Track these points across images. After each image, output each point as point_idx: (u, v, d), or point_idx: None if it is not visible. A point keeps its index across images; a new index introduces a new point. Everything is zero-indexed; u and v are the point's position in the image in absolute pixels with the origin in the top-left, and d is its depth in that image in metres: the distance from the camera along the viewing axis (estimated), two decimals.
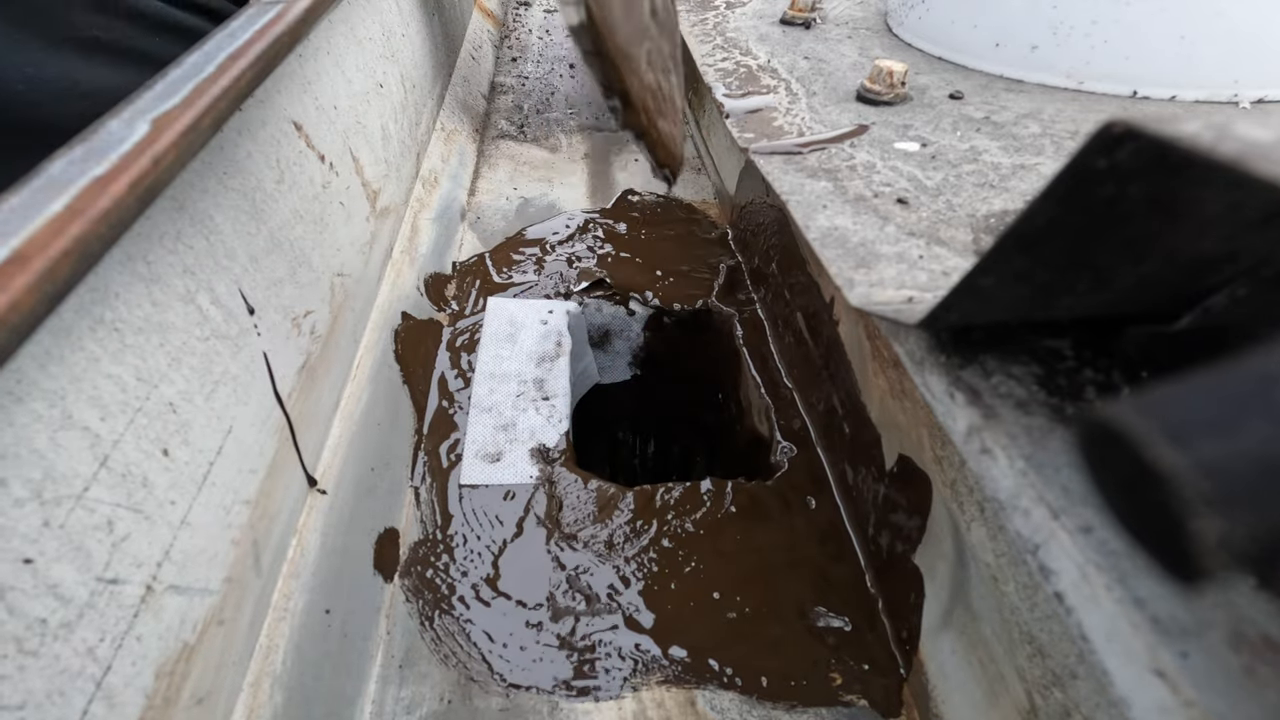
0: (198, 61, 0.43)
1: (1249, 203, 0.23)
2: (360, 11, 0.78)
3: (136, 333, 0.35)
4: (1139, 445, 0.14)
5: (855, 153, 0.67)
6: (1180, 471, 0.13)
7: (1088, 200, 0.26)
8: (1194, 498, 0.13)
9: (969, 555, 0.42)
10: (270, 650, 0.44)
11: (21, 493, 0.27)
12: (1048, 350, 0.40)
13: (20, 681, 0.26)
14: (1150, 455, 0.14)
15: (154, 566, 0.34)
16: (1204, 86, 0.74)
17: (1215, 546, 0.13)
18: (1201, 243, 0.27)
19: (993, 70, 0.84)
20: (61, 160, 0.33)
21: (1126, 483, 0.15)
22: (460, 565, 0.56)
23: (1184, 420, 0.14)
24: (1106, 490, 0.15)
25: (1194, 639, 0.27)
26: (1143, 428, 0.14)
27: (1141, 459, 0.14)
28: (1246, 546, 0.13)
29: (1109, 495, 0.15)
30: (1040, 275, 0.32)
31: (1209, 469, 0.13)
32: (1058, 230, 0.28)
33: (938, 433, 0.42)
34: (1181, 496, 0.13)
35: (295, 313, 0.52)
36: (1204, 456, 0.14)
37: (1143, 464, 0.14)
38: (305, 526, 0.51)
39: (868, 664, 0.51)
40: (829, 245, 0.53)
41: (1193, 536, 0.13)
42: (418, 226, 0.86)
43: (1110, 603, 0.29)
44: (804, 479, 0.64)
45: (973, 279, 0.33)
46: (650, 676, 0.50)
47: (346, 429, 0.59)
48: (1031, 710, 0.37)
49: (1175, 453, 0.14)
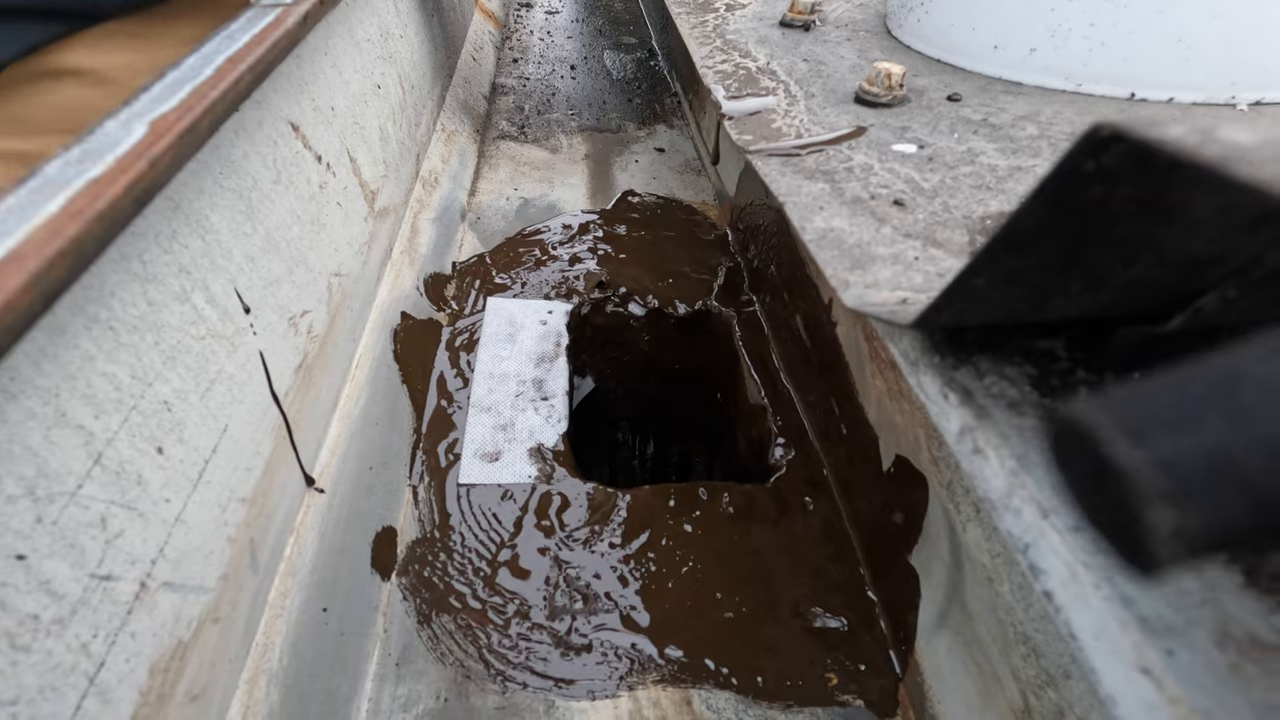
0: (195, 64, 0.44)
1: (1235, 206, 0.23)
2: (358, 14, 0.78)
3: (131, 331, 0.35)
4: (1100, 442, 0.14)
5: (853, 154, 0.67)
6: (1138, 467, 0.14)
7: (1077, 202, 0.26)
8: (1150, 492, 0.14)
9: (964, 556, 0.42)
10: (267, 648, 0.44)
11: (14, 489, 0.28)
12: (1041, 351, 0.40)
13: (13, 677, 0.26)
14: (1110, 451, 0.14)
15: (148, 564, 0.34)
16: (1201, 89, 0.74)
17: (1169, 538, 0.14)
18: (1191, 245, 0.27)
19: (991, 72, 0.84)
20: (58, 161, 0.33)
21: (1089, 477, 0.15)
22: (458, 564, 0.56)
23: (1144, 418, 0.14)
24: (1072, 484, 0.16)
25: (1180, 637, 0.27)
26: (1105, 425, 0.14)
27: (1101, 454, 0.14)
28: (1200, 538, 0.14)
29: (1074, 489, 0.16)
30: (1032, 276, 0.32)
31: (1165, 464, 0.14)
32: (1048, 232, 0.28)
33: (933, 433, 0.42)
34: (1138, 491, 0.14)
35: (292, 312, 0.52)
36: (1161, 453, 0.14)
37: (1103, 459, 0.14)
38: (303, 525, 0.51)
39: (864, 664, 0.51)
40: (825, 246, 0.53)
41: (1148, 529, 0.14)
42: (418, 227, 0.86)
43: (1098, 601, 0.29)
44: (801, 480, 0.64)
45: (964, 280, 0.33)
46: (646, 676, 0.50)
47: (345, 428, 0.59)
48: (1026, 710, 0.37)
49: (1134, 449, 0.14)
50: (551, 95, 1.39)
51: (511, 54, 1.59)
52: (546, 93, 1.40)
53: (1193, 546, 0.14)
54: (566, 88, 1.43)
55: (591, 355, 0.89)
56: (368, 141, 0.74)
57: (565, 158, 1.17)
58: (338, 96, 0.68)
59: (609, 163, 1.15)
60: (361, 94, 0.74)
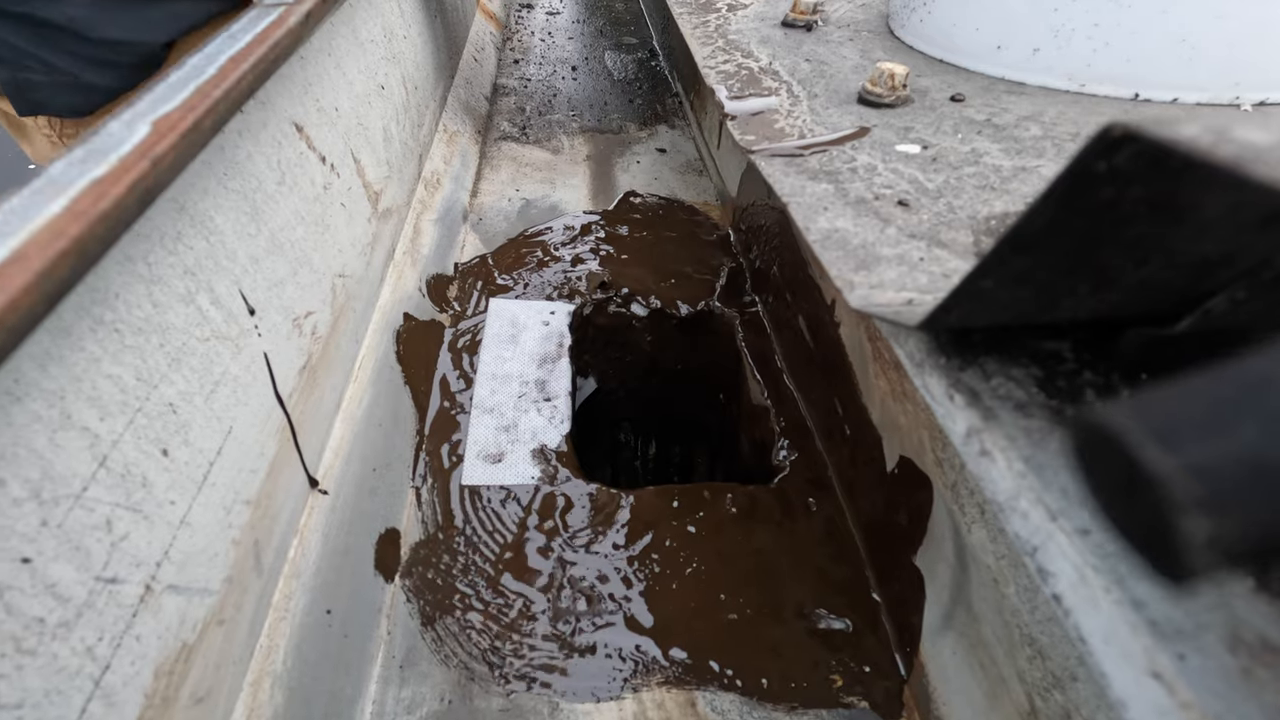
0: (199, 64, 0.43)
1: (1247, 205, 0.23)
2: (362, 14, 0.78)
3: (136, 333, 0.35)
4: (1130, 447, 0.14)
5: (856, 155, 0.67)
6: (1170, 473, 0.14)
7: (1087, 203, 0.26)
8: (1183, 499, 0.13)
9: (970, 557, 0.42)
10: (271, 650, 0.44)
11: (20, 492, 0.27)
12: (1048, 352, 0.40)
13: (18, 680, 0.26)
14: (1141, 457, 0.14)
15: (153, 566, 0.34)
16: (1205, 89, 0.74)
17: (1204, 546, 0.13)
18: (1201, 245, 0.27)
19: (994, 73, 0.84)
20: (62, 162, 0.33)
21: (1118, 484, 0.15)
22: (461, 566, 0.56)
23: (1175, 423, 0.14)
24: (1099, 491, 0.15)
25: (1191, 641, 0.27)
26: (1135, 430, 0.14)
27: (1133, 461, 0.14)
28: (1235, 546, 0.13)
29: (1101, 496, 0.15)
30: (1040, 277, 0.32)
31: (1198, 471, 0.13)
32: (1058, 232, 0.28)
33: (938, 435, 0.42)
34: (1171, 498, 0.13)
35: (296, 313, 0.52)
36: (1194, 458, 0.14)
37: (1134, 466, 0.14)
38: (306, 527, 0.51)
39: (869, 666, 0.51)
40: (830, 247, 0.53)
41: (1182, 537, 0.13)
42: (420, 228, 0.86)
43: (1108, 605, 0.29)
44: (805, 481, 0.64)
45: (972, 281, 0.33)
46: (651, 677, 0.50)
47: (348, 429, 0.59)
48: (1032, 712, 0.37)
49: (1166, 455, 0.14)
50: (553, 96, 1.39)
51: (513, 55, 1.59)
52: (548, 94, 1.40)
53: (1228, 555, 0.13)
54: (568, 88, 1.42)
55: (594, 356, 0.89)
56: (371, 142, 0.74)
57: (567, 158, 1.17)
58: (342, 97, 0.67)
59: (611, 163, 1.15)
60: (365, 94, 0.74)
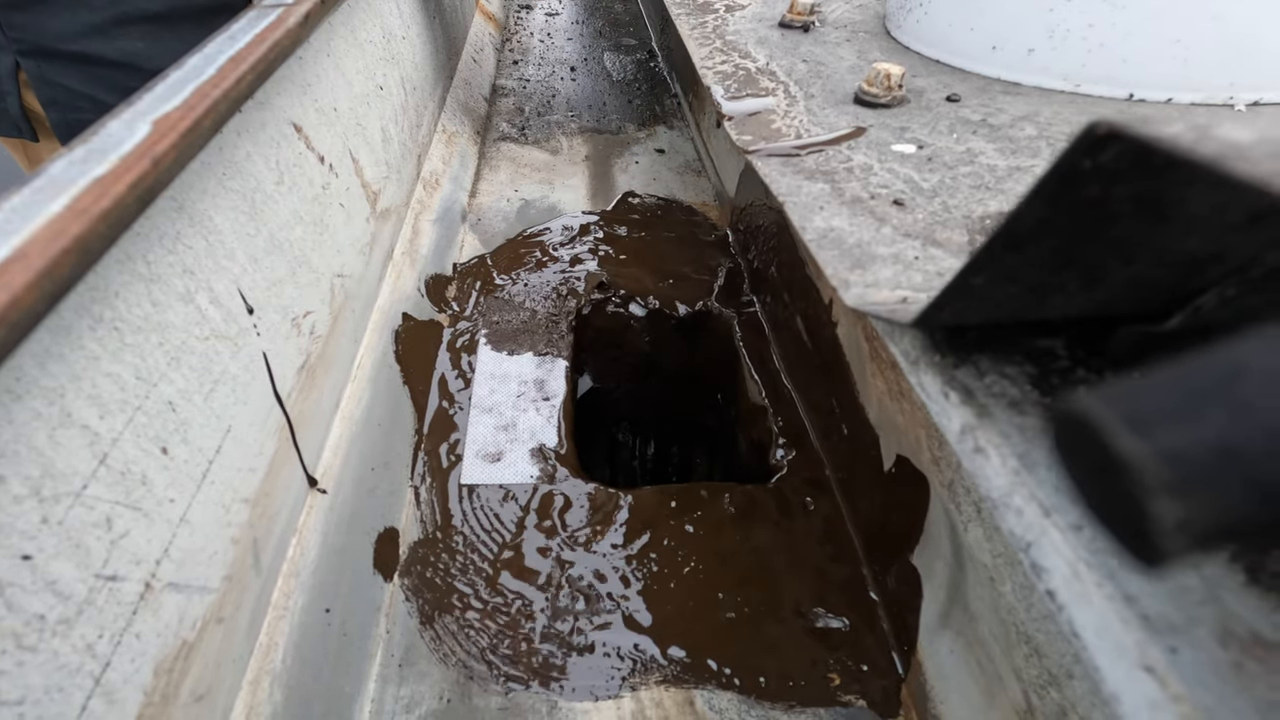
0: (198, 64, 0.44)
1: (1233, 203, 0.23)
2: (361, 15, 0.78)
3: (136, 332, 0.35)
4: (1105, 433, 0.14)
5: (853, 155, 0.67)
6: (1143, 458, 0.14)
7: (1074, 201, 0.26)
8: (1155, 483, 0.14)
9: (966, 556, 0.42)
10: (270, 648, 0.45)
11: (20, 490, 0.28)
12: (1041, 350, 0.40)
13: (19, 677, 0.26)
14: (1115, 443, 0.14)
15: (153, 564, 0.34)
16: (1200, 89, 0.74)
17: (1175, 530, 0.14)
18: (1189, 243, 0.27)
19: (990, 73, 0.84)
20: (62, 160, 0.33)
21: (1093, 469, 0.15)
22: (460, 564, 0.56)
23: (1148, 410, 0.14)
24: (1076, 477, 0.16)
25: (1183, 635, 0.27)
26: (1109, 416, 0.14)
27: (1106, 446, 0.14)
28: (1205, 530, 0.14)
29: (1078, 482, 0.16)
30: (1030, 275, 0.32)
31: (1170, 456, 0.14)
32: (1046, 230, 0.28)
33: (934, 433, 0.42)
34: (1143, 482, 0.14)
35: (295, 313, 0.53)
36: (1166, 444, 0.14)
37: (1107, 450, 0.14)
38: (305, 525, 0.51)
39: (866, 664, 0.51)
40: (825, 246, 0.54)
41: (1153, 520, 0.14)
42: (419, 228, 0.86)
43: (1100, 599, 0.29)
44: (802, 480, 0.64)
45: (964, 278, 0.33)
46: (649, 676, 0.50)
47: (347, 429, 0.59)
48: (1029, 710, 0.37)
49: (1139, 440, 0.14)
50: (552, 97, 1.39)
51: (511, 56, 1.59)
52: (547, 94, 1.40)
53: (1198, 539, 0.14)
54: (566, 89, 1.43)
55: (592, 356, 0.89)
56: (370, 143, 0.74)
57: (565, 159, 1.17)
58: (340, 97, 0.68)
59: (609, 164, 1.16)
60: (364, 95, 0.74)
